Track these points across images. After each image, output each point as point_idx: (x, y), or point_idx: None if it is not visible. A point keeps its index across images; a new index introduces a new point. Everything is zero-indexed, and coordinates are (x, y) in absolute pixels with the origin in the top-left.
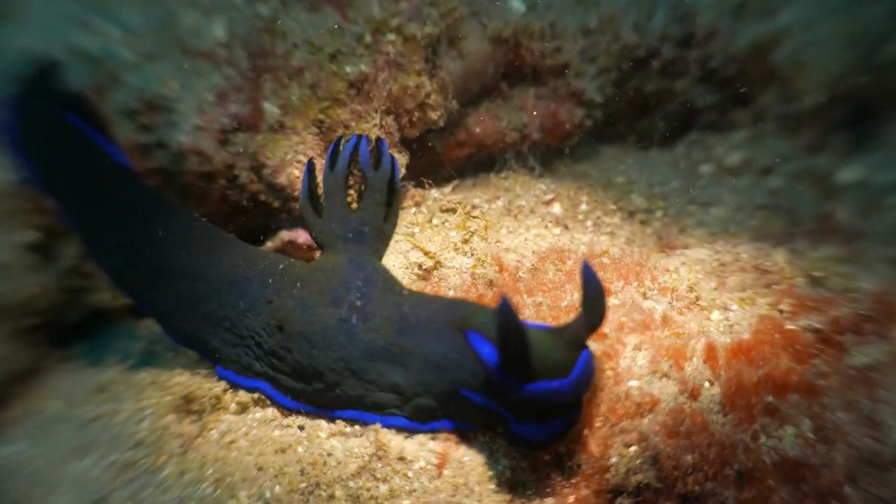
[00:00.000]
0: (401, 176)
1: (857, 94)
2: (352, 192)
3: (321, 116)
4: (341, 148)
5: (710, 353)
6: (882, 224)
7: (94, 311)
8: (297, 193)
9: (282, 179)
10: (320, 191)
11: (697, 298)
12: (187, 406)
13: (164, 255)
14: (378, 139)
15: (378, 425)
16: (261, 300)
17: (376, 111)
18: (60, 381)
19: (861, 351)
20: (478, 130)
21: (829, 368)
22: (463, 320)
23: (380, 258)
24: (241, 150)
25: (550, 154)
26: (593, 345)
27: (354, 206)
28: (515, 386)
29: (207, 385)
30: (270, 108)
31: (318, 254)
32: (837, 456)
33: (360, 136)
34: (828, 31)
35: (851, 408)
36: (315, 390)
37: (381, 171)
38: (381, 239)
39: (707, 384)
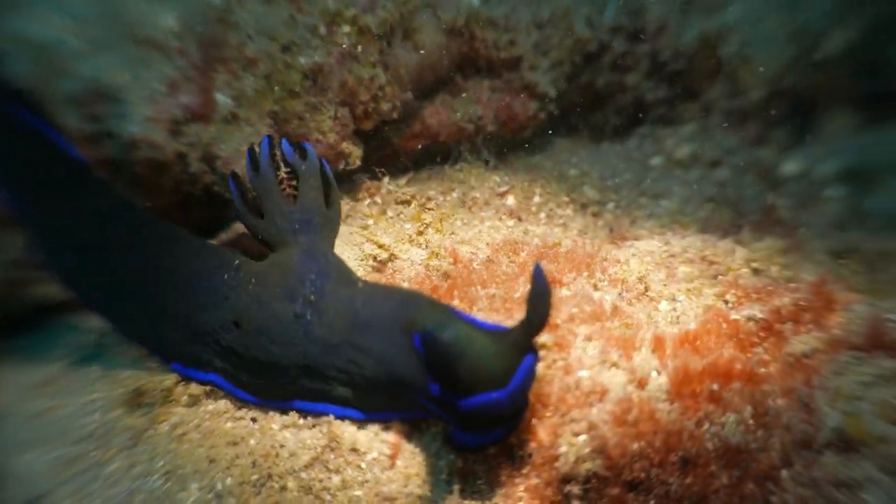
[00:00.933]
0: (356, 167)
1: (797, 89)
2: (284, 188)
3: (275, 108)
4: (258, 150)
5: (658, 343)
6: (821, 216)
7: (40, 304)
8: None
9: (235, 171)
10: (253, 195)
11: (646, 289)
12: (138, 399)
13: (115, 252)
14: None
15: (331, 416)
16: (217, 297)
17: (331, 103)
18: (5, 375)
19: (799, 339)
20: (433, 122)
21: (770, 357)
22: (412, 322)
23: (331, 245)
24: (194, 140)
25: (505, 146)
26: (544, 336)
27: (292, 200)
28: (451, 400)
29: (158, 378)
30: (223, 100)
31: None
32: (775, 441)
33: (271, 137)
34: (771, 28)
35: (789, 394)
36: (271, 384)
37: (309, 161)
38: (329, 225)
39: (654, 373)
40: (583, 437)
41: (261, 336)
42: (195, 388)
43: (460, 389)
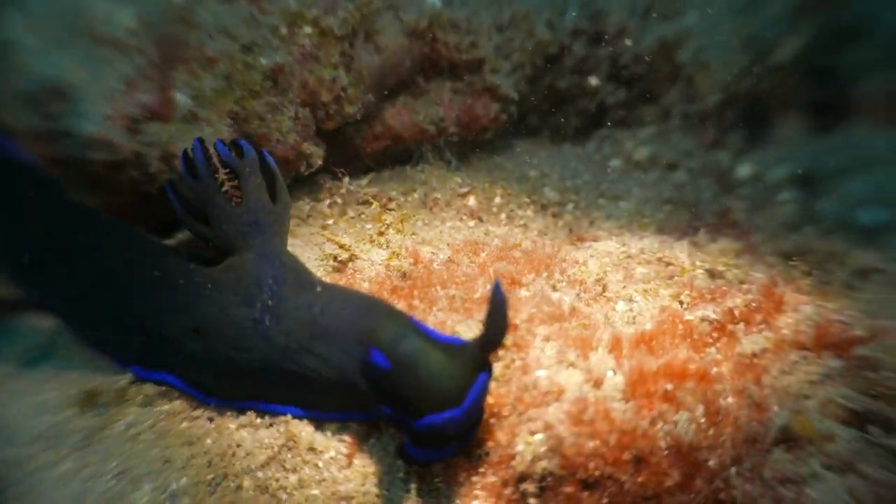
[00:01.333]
0: (317, 167)
1: (751, 95)
2: (227, 190)
3: (236, 108)
4: (192, 155)
5: (614, 343)
6: (773, 219)
7: None
8: None
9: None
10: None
11: (604, 290)
12: (91, 399)
13: (67, 253)
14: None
15: (289, 416)
16: (174, 303)
17: (292, 103)
18: None
19: (750, 339)
20: (394, 124)
21: (723, 356)
22: (370, 334)
23: (284, 242)
24: (152, 140)
25: (466, 148)
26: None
27: (236, 201)
28: (404, 419)
29: (112, 378)
30: (183, 99)
31: None
32: (726, 439)
33: (201, 140)
34: (727, 34)
35: (741, 393)
36: (229, 385)
37: (247, 159)
38: (279, 221)
39: (610, 373)
40: (539, 437)
41: (220, 342)
42: (150, 389)
43: (413, 409)
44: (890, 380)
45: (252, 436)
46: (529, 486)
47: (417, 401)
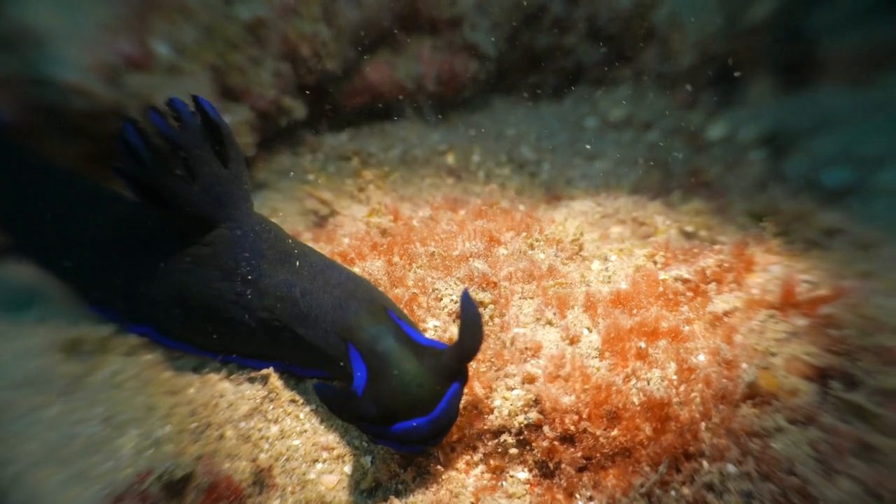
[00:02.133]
0: (298, 122)
1: (724, 55)
2: (175, 165)
3: (216, 61)
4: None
5: (590, 302)
6: (744, 179)
7: None
8: None
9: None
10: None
11: (580, 249)
12: (75, 347)
13: (48, 212)
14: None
15: (270, 370)
16: (157, 273)
17: (272, 57)
18: None
19: (721, 299)
20: (374, 79)
21: (695, 315)
22: (349, 330)
23: (249, 203)
24: (132, 90)
25: (445, 105)
26: (482, 294)
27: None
28: (373, 424)
29: (95, 327)
30: (163, 50)
31: None
32: (696, 395)
33: (133, 121)
34: None
35: (711, 351)
36: (211, 343)
37: (187, 128)
38: (238, 185)
39: (586, 331)
40: (517, 392)
41: (203, 311)
42: (133, 339)
43: (383, 416)
44: (851, 337)
45: (234, 387)
46: (507, 439)
47: (387, 407)
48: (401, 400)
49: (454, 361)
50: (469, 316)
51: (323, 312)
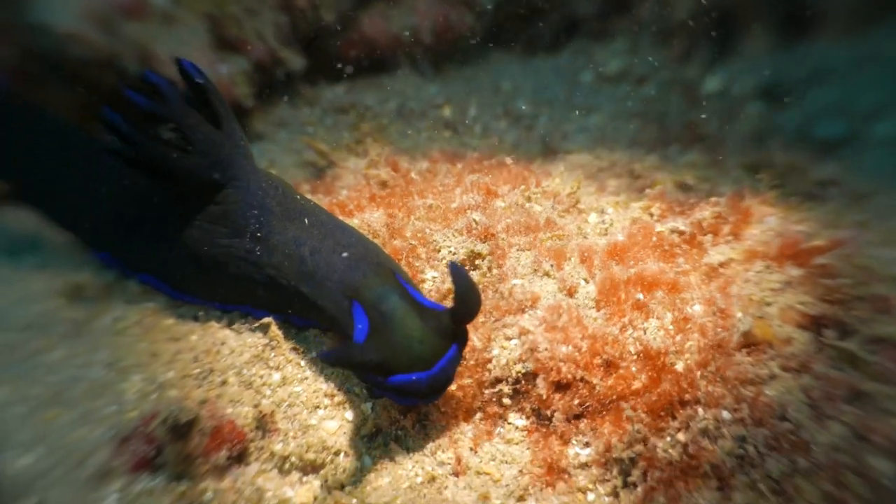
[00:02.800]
0: (295, 74)
1: (721, 7)
2: (168, 138)
3: (213, 10)
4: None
5: (587, 254)
6: (739, 132)
7: None
8: None
9: (172, 70)
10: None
11: (577, 202)
12: (77, 292)
13: (73, 180)
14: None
15: (270, 319)
16: (171, 230)
17: (269, 8)
18: None
19: (717, 250)
20: (370, 32)
21: (691, 266)
22: (355, 290)
23: (250, 159)
24: (128, 39)
25: (441, 58)
26: (480, 245)
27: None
28: (374, 373)
29: (97, 274)
30: None
31: None
32: (692, 344)
33: (108, 107)
34: None
35: (707, 301)
36: (217, 297)
37: (168, 101)
38: (235, 144)
39: (583, 282)
40: (514, 342)
41: (212, 266)
42: (134, 287)
43: (384, 367)
44: (845, 286)
45: (236, 335)
46: (504, 388)
47: (387, 358)
48: (402, 353)
49: (453, 323)
50: (461, 281)
51: (330, 272)
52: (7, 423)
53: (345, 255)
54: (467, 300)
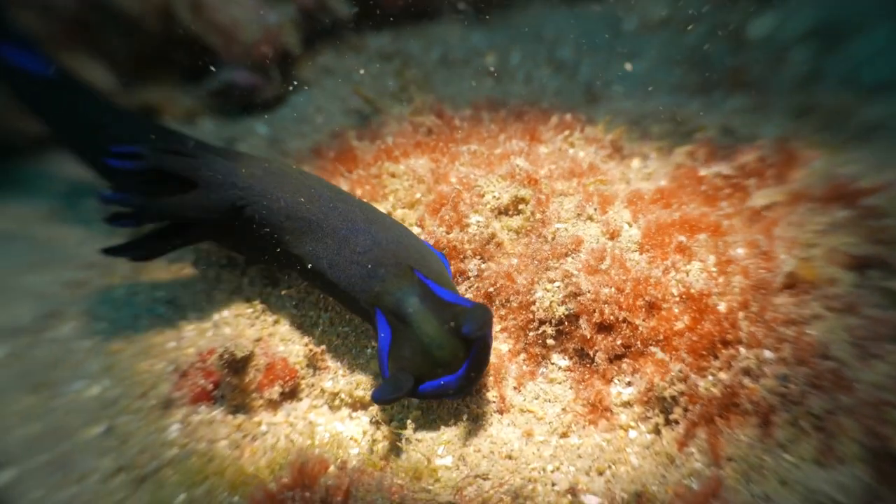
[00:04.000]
0: (341, 22)
1: None
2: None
3: None
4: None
5: (631, 198)
6: (785, 77)
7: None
8: (239, 35)
9: (222, 18)
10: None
11: (620, 148)
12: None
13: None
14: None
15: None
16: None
17: None
18: (6, 203)
19: (761, 194)
20: None
21: (734, 210)
22: (376, 298)
23: (238, 171)
24: None
25: (484, 5)
26: (523, 190)
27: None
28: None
29: None
30: None
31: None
32: (735, 286)
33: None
34: None
35: (750, 244)
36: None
37: (143, 157)
38: (218, 169)
39: (626, 226)
40: (557, 284)
41: (242, 243)
42: None
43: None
44: (892, 227)
45: (285, 279)
46: (548, 329)
47: (416, 373)
48: (425, 362)
49: (466, 334)
50: (470, 314)
51: (351, 284)
52: (75, 355)
53: (362, 261)
54: (476, 320)
